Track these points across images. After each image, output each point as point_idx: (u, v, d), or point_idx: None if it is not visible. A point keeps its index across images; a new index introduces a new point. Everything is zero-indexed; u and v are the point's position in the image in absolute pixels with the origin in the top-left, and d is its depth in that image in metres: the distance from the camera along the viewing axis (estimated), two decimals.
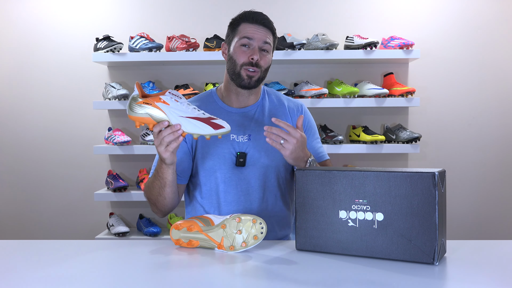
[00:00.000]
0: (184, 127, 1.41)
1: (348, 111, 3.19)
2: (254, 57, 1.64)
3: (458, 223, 3.16)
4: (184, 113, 1.41)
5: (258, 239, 1.35)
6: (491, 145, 3.21)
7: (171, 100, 1.41)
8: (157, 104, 1.40)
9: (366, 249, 1.28)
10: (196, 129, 1.41)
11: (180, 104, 1.42)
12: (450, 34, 3.19)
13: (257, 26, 1.67)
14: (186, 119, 1.41)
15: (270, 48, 1.69)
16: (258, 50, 1.66)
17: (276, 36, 1.74)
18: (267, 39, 1.67)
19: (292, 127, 1.52)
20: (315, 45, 2.97)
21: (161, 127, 1.41)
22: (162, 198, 1.62)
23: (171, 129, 1.40)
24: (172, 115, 1.40)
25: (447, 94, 3.20)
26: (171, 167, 1.54)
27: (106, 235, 3.06)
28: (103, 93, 3.10)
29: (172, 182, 1.58)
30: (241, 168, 1.67)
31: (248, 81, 1.67)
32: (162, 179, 1.58)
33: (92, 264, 1.31)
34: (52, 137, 3.25)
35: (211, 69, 3.17)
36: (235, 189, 1.67)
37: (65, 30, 3.23)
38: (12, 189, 3.29)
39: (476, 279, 1.13)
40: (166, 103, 1.40)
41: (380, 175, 1.26)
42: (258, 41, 1.66)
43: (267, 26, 1.68)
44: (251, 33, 1.66)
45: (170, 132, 1.40)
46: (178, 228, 1.41)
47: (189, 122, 1.41)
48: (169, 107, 1.40)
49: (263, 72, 1.68)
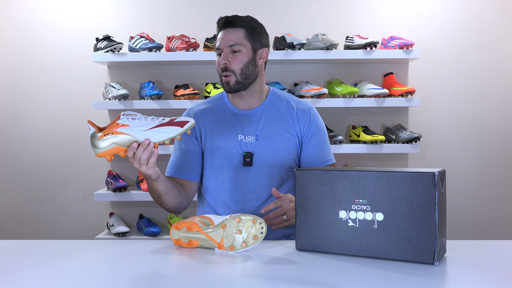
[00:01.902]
0: (153, 138, 1.42)
1: (348, 111, 3.19)
2: (221, 61, 1.68)
3: (458, 223, 3.16)
4: (147, 126, 1.42)
5: (258, 239, 1.35)
6: (491, 145, 3.21)
7: (128, 121, 1.41)
8: (117, 130, 1.39)
9: (366, 249, 1.28)
10: (165, 135, 1.42)
11: (138, 120, 1.42)
12: (450, 34, 3.19)
13: (224, 31, 1.70)
14: (151, 131, 1.41)
15: (241, 47, 1.68)
16: (227, 54, 1.68)
17: (254, 29, 1.71)
18: (232, 40, 1.67)
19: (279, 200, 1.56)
20: (315, 45, 2.97)
21: (133, 150, 1.42)
22: (164, 204, 1.68)
23: (142, 147, 1.41)
24: (136, 133, 1.40)
25: (447, 94, 3.20)
26: (159, 180, 1.57)
27: (106, 235, 3.06)
28: (103, 93, 3.10)
29: (166, 191, 1.62)
30: (248, 167, 1.70)
31: (227, 87, 1.70)
32: (155, 191, 1.62)
33: (92, 264, 1.31)
34: (52, 137, 3.25)
35: (211, 69, 3.17)
36: (241, 188, 1.71)
37: (65, 30, 3.23)
38: (12, 189, 3.29)
39: (476, 279, 1.13)
40: (126, 125, 1.40)
41: (380, 175, 1.26)
42: (224, 46, 1.69)
43: (234, 26, 1.69)
44: (218, 41, 1.70)
45: (143, 150, 1.42)
46: (178, 228, 1.41)
47: (156, 132, 1.42)
48: (130, 128, 1.40)
49: (239, 73, 1.68)
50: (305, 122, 1.77)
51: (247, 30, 1.70)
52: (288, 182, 1.76)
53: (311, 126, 1.77)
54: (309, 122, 1.77)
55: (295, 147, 1.76)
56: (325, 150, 1.80)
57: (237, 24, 1.69)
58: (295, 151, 1.76)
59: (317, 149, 1.77)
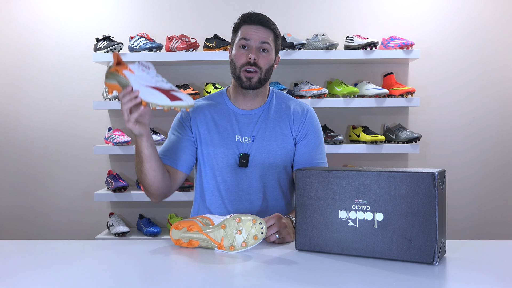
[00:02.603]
0: (143, 94, 1.42)
1: (348, 111, 3.19)
2: (251, 56, 1.65)
3: (458, 223, 3.16)
4: (148, 82, 1.43)
5: (258, 239, 1.35)
6: (491, 145, 3.21)
7: (137, 69, 1.44)
8: (123, 71, 1.43)
9: (366, 249, 1.28)
10: (153, 98, 1.42)
11: (146, 74, 1.44)
12: (450, 34, 3.19)
13: (255, 27, 1.67)
14: (146, 88, 1.42)
15: (270, 48, 1.69)
16: (256, 50, 1.66)
17: (278, 36, 1.74)
18: (265, 38, 1.67)
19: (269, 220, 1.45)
20: (315, 45, 2.97)
21: (124, 93, 1.42)
22: (144, 175, 1.59)
23: (129, 95, 1.41)
24: (135, 83, 1.42)
25: (447, 94, 3.20)
26: (144, 138, 1.51)
27: (106, 235, 3.06)
28: (103, 93, 3.10)
29: (149, 156, 1.55)
30: (244, 168, 1.70)
31: (247, 83, 1.67)
32: (139, 154, 1.56)
33: (92, 264, 1.31)
34: (52, 137, 3.25)
35: (211, 69, 3.17)
36: (236, 189, 1.70)
37: (65, 30, 3.23)
38: (12, 189, 3.29)
39: (476, 279, 1.13)
40: (132, 72, 1.43)
41: (380, 175, 1.26)
42: (255, 41, 1.66)
43: (266, 26, 1.68)
44: (249, 34, 1.67)
45: (128, 99, 1.41)
46: (178, 228, 1.41)
47: (149, 91, 1.42)
48: (134, 75, 1.43)
49: (264, 72, 1.68)
50: (300, 123, 1.76)
51: (274, 34, 1.71)
52: (284, 184, 1.75)
53: (304, 126, 1.76)
54: (303, 123, 1.76)
55: (291, 149, 1.75)
56: (316, 152, 1.75)
57: (270, 25, 1.69)
58: (291, 153, 1.75)
59: (307, 149, 1.74)
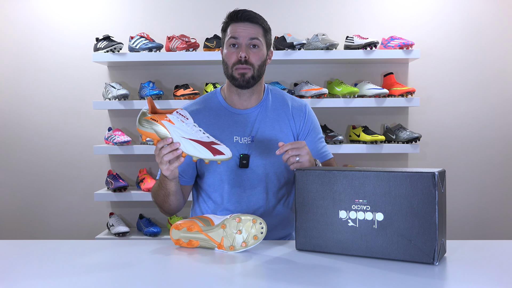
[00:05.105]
0: (184, 147, 1.42)
1: (348, 111, 3.19)
2: (242, 54, 1.63)
3: (458, 223, 3.16)
4: (188, 134, 1.43)
5: (258, 239, 1.35)
6: (491, 145, 3.21)
7: (177, 120, 1.43)
8: (162, 122, 1.42)
9: (366, 249, 1.28)
10: (195, 151, 1.42)
11: (185, 125, 1.43)
12: (450, 34, 3.19)
13: (243, 24, 1.66)
14: (187, 140, 1.43)
15: (260, 43, 1.67)
16: (246, 47, 1.65)
17: (267, 30, 1.71)
18: (254, 34, 1.65)
19: (296, 143, 1.53)
20: (315, 45, 2.97)
21: (164, 143, 1.42)
22: (168, 204, 1.67)
23: (171, 147, 1.42)
24: (175, 135, 1.42)
25: (447, 94, 3.20)
26: (174, 181, 1.57)
27: (106, 235, 3.06)
28: (103, 93, 3.10)
29: (175, 192, 1.62)
30: (244, 169, 1.69)
31: (241, 80, 1.66)
32: (165, 190, 1.62)
33: (92, 264, 1.31)
34: (52, 137, 3.25)
35: (211, 69, 3.17)
36: (238, 190, 1.70)
37: (65, 30, 3.23)
38: (12, 189, 3.29)
39: (476, 279, 1.13)
40: (172, 122, 1.42)
41: (380, 175, 1.26)
42: (244, 38, 1.65)
43: (254, 22, 1.66)
44: (237, 32, 1.65)
45: (169, 151, 1.42)
46: (178, 228, 1.41)
47: (190, 144, 1.42)
48: (174, 127, 1.42)
49: (256, 69, 1.66)
50: (300, 120, 1.76)
51: (263, 29, 1.69)
52: (286, 182, 1.74)
53: (306, 123, 1.77)
54: (304, 120, 1.77)
55: None
56: (321, 146, 1.80)
57: (257, 21, 1.67)
58: None
59: (313, 146, 1.76)
